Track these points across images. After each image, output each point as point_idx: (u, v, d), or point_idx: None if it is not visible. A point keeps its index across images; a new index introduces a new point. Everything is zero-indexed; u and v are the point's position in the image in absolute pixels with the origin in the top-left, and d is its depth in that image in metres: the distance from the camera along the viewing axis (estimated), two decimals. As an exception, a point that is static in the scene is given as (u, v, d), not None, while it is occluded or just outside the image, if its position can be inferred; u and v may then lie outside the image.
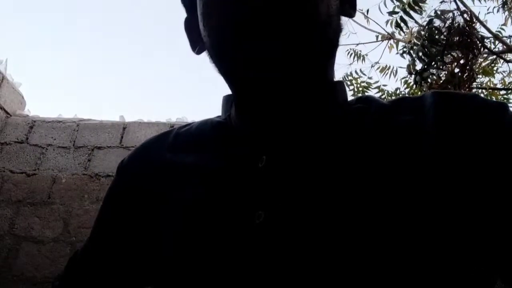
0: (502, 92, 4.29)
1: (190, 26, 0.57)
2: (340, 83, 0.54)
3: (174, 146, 0.57)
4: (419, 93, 3.98)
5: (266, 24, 0.43)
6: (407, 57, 3.36)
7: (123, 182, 0.60)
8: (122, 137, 2.87)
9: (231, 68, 0.49)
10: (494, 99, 0.50)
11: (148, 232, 0.53)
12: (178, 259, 0.47)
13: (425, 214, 0.41)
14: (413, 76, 3.31)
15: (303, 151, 0.47)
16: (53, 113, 3.09)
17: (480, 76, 4.05)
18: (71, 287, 0.60)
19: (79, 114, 3.06)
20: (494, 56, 4.01)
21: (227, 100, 0.57)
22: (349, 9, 0.54)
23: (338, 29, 0.51)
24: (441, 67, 3.25)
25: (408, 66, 3.35)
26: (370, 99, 0.52)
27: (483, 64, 4.07)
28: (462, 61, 3.28)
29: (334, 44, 0.51)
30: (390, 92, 4.37)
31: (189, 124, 0.61)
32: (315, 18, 0.45)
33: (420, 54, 3.12)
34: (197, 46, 0.56)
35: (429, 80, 3.21)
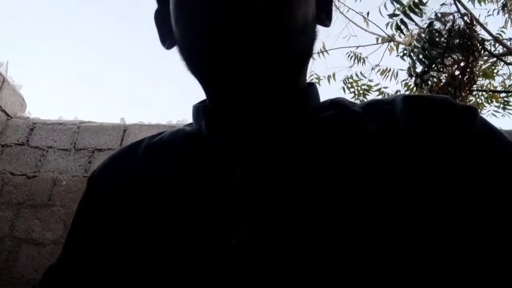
0: (503, 94, 4.30)
1: (161, 19, 0.54)
2: (312, 87, 0.53)
3: (145, 159, 0.54)
4: (420, 95, 3.98)
5: (240, 27, 0.41)
6: (408, 59, 3.37)
7: (94, 195, 0.57)
8: (122, 139, 2.87)
9: (200, 67, 0.48)
10: (463, 103, 0.50)
11: (119, 247, 0.51)
12: (154, 281, 0.45)
13: (401, 224, 0.40)
14: (413, 78, 3.31)
15: (276, 164, 0.45)
16: (54, 115, 3.10)
17: (481, 78, 4.05)
18: None
19: (80, 116, 3.06)
20: (495, 59, 4.02)
21: (197, 110, 0.55)
22: (325, 19, 0.53)
23: (312, 38, 0.50)
24: (441, 69, 3.26)
25: (409, 68, 3.35)
26: (342, 104, 0.51)
27: (484, 66, 4.08)
28: (462, 64, 3.29)
29: (308, 53, 0.50)
30: (390, 94, 4.38)
31: (160, 134, 0.58)
32: (290, 26, 0.44)
33: (421, 56, 3.12)
34: (167, 40, 0.54)
35: (429, 82, 3.22)
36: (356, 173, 0.43)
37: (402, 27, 3.20)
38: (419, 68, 3.26)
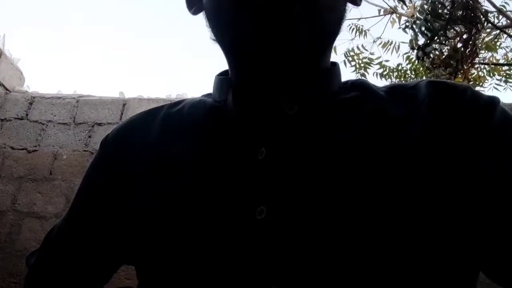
0: (505, 67, 4.26)
1: None
2: (335, 67, 0.53)
3: (162, 128, 0.53)
4: (421, 68, 3.96)
5: None
6: (410, 32, 3.32)
7: (105, 159, 0.57)
8: (122, 113, 2.85)
9: (229, 33, 0.47)
10: (486, 94, 0.50)
11: (126, 215, 0.50)
12: (172, 257, 0.45)
13: (419, 207, 0.41)
14: (415, 51, 3.27)
15: (302, 144, 0.45)
16: (52, 89, 3.07)
17: (483, 51, 4.01)
18: (48, 265, 0.58)
19: (78, 90, 3.04)
20: (498, 31, 3.96)
21: (222, 82, 0.54)
22: None
23: (341, 17, 0.49)
24: (443, 42, 3.22)
25: (411, 41, 3.32)
26: (365, 85, 0.51)
27: (486, 39, 4.03)
28: (465, 36, 3.25)
29: (334, 32, 0.49)
30: (392, 68, 4.34)
31: (181, 102, 0.57)
32: (322, 2, 0.44)
33: (423, 28, 3.08)
34: (194, 6, 0.53)
35: (431, 55, 3.19)
36: (375, 155, 0.43)
37: (405, -2, 3.15)
38: (421, 41, 3.23)
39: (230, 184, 0.45)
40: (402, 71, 4.28)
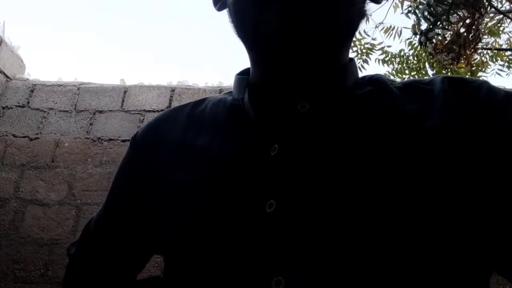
0: (508, 53, 4.23)
1: None
2: (351, 62, 0.54)
3: (187, 124, 0.57)
4: (424, 53, 3.93)
5: None
6: (412, 16, 3.30)
7: (135, 154, 0.61)
8: (123, 101, 2.85)
9: (250, 27, 0.48)
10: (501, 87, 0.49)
11: (153, 208, 0.54)
12: (188, 246, 0.47)
13: (433, 202, 0.41)
14: (418, 36, 3.25)
15: (315, 140, 0.46)
16: (53, 77, 3.06)
17: (486, 36, 3.97)
18: (86, 256, 0.63)
19: (79, 77, 3.03)
20: (501, 16, 3.92)
21: (241, 82, 0.56)
22: None
23: (360, 14, 0.49)
24: (446, 27, 3.19)
25: (413, 26, 3.29)
26: (381, 81, 0.52)
27: (489, 24, 3.99)
28: (468, 21, 3.22)
29: (353, 28, 0.50)
30: (394, 53, 4.31)
31: (205, 100, 0.60)
32: None
33: (426, 13, 3.05)
34: (218, 2, 0.56)
35: (434, 40, 3.16)
36: (389, 151, 0.44)
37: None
38: (424, 26, 3.20)
39: (243, 178, 0.47)
40: (405, 57, 4.25)
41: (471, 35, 3.21)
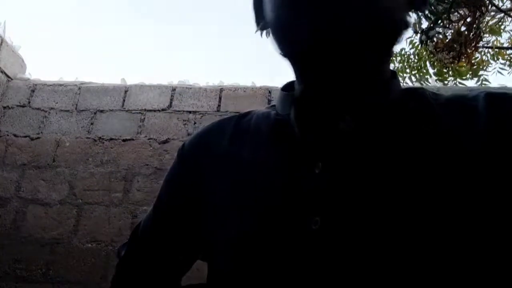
0: (509, 51, 4.22)
1: (257, 4, 0.59)
2: (395, 76, 0.54)
3: (234, 136, 0.59)
4: (425, 52, 3.92)
5: (332, 4, 0.43)
6: (413, 15, 3.29)
7: (182, 166, 0.63)
8: (124, 100, 2.85)
9: (294, 43, 0.49)
10: None
11: (200, 216, 0.56)
12: (234, 257, 0.48)
13: (477, 222, 0.41)
14: (418, 35, 3.24)
15: (358, 159, 0.47)
16: (54, 76, 3.07)
17: (487, 34, 3.97)
18: (134, 259, 0.66)
19: (80, 77, 3.03)
20: (502, 14, 3.91)
21: (285, 97, 0.57)
22: (421, 4, 0.54)
23: (402, 25, 0.49)
24: (447, 25, 3.19)
25: (414, 24, 3.28)
26: (423, 96, 0.52)
27: (490, 22, 3.98)
28: (469, 19, 3.21)
29: (394, 39, 0.49)
30: (395, 52, 4.30)
31: (250, 113, 0.62)
32: (378, 7, 0.45)
33: (426, 12, 3.04)
34: (260, 23, 0.58)
35: (435, 39, 3.16)
36: (430, 172, 0.44)
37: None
38: (424, 24, 3.19)
39: (288, 195, 0.48)
40: (406, 56, 4.25)
41: (472, 33, 3.21)
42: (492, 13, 3.89)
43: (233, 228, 0.49)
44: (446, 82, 3.96)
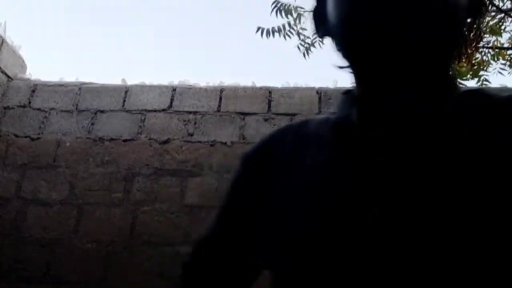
0: (510, 51, 4.22)
1: (318, 14, 0.61)
2: (454, 80, 0.55)
3: (295, 142, 0.60)
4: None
5: (396, 11, 0.46)
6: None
7: (246, 173, 0.64)
8: (124, 100, 2.85)
9: (353, 51, 0.51)
10: None
11: (266, 224, 0.56)
12: (294, 252, 0.49)
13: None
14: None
15: (418, 156, 0.48)
16: (55, 77, 3.07)
17: (487, 35, 3.96)
18: (199, 267, 0.67)
19: (80, 77, 3.04)
20: (503, 14, 3.91)
21: (346, 99, 0.59)
22: (476, 11, 0.56)
23: (460, 30, 0.51)
24: (447, 25, 3.18)
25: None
26: (482, 98, 0.53)
27: (491, 22, 3.98)
28: (469, 20, 3.21)
29: (452, 45, 0.51)
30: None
31: (310, 120, 0.64)
32: (440, 13, 0.47)
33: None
34: (321, 31, 0.61)
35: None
36: (493, 173, 0.44)
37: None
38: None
39: (347, 189, 0.49)
40: None
41: (472, 34, 3.21)
42: (493, 14, 3.89)
43: (294, 230, 0.51)
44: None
